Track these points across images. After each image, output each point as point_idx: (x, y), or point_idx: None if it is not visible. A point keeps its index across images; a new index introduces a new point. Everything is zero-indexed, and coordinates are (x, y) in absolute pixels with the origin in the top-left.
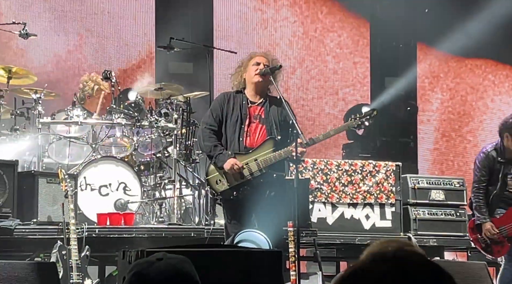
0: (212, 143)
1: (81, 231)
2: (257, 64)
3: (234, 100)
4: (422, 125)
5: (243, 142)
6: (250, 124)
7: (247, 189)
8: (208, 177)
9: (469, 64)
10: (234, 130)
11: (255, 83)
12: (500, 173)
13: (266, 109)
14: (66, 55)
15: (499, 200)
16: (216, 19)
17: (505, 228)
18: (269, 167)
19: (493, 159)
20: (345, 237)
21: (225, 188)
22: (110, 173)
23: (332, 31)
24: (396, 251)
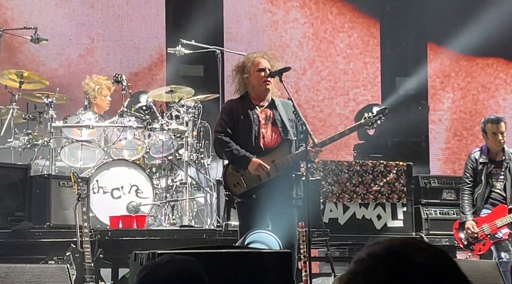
0: (231, 147)
1: (94, 234)
2: (261, 70)
3: (242, 105)
4: (434, 125)
5: (259, 143)
6: (263, 127)
7: (266, 191)
8: (226, 181)
9: (480, 63)
10: (248, 134)
11: (264, 90)
12: (482, 174)
13: (275, 111)
14: (78, 59)
15: (483, 201)
16: (226, 21)
17: (487, 226)
18: (286, 168)
19: (475, 160)
20: (357, 237)
21: (243, 191)
22: (122, 175)
23: (342, 31)
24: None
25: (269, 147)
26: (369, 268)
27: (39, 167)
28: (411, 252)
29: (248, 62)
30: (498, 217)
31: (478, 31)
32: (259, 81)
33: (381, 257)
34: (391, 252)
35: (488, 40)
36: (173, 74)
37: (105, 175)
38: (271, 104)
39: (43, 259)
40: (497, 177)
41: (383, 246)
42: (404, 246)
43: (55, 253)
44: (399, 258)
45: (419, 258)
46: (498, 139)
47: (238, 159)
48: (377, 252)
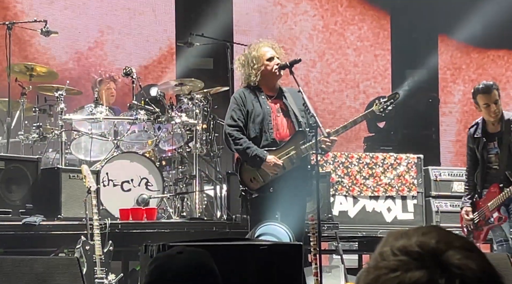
0: (243, 145)
1: (104, 226)
2: (270, 59)
3: (252, 97)
4: (444, 117)
5: (273, 136)
6: (276, 118)
7: (282, 184)
8: (242, 176)
9: (491, 55)
10: (261, 127)
11: (275, 78)
12: (479, 149)
13: (285, 101)
14: (87, 52)
15: (483, 180)
16: (236, 14)
17: (482, 210)
18: (301, 159)
19: (471, 136)
20: (367, 230)
21: (260, 185)
22: (132, 168)
23: (353, 24)
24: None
25: (283, 138)
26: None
27: (49, 159)
28: (446, 250)
29: (255, 53)
30: (491, 198)
31: (489, 23)
32: (270, 70)
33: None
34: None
35: (499, 32)
36: (182, 67)
37: (115, 167)
38: (280, 93)
39: (53, 252)
40: (494, 151)
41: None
42: (438, 244)
43: (65, 245)
44: (434, 257)
45: (455, 259)
46: (492, 110)
47: (251, 158)
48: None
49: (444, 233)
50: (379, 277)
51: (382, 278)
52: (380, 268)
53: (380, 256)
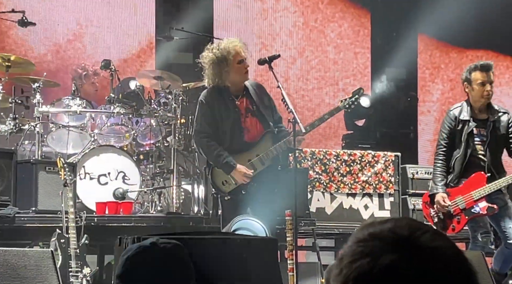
0: (213, 152)
1: (80, 219)
2: (241, 62)
3: (221, 99)
4: (423, 116)
5: (243, 139)
6: (245, 120)
7: (254, 185)
8: (213, 179)
9: (470, 55)
10: (232, 129)
11: (243, 80)
12: (463, 134)
13: (251, 99)
14: (66, 44)
15: (462, 167)
16: (216, 9)
17: (462, 198)
18: (271, 160)
19: (454, 118)
20: (343, 227)
21: (233, 187)
22: (109, 162)
23: (333, 21)
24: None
25: (253, 139)
26: (376, 250)
27: (25, 152)
28: (417, 236)
29: (227, 55)
30: (474, 187)
31: (468, 23)
32: (241, 73)
33: (387, 239)
34: (399, 235)
35: (477, 32)
36: (162, 62)
37: (92, 161)
38: (246, 91)
39: (28, 244)
40: (480, 138)
41: (388, 228)
42: (410, 229)
43: (40, 238)
44: (405, 241)
45: (424, 242)
46: (487, 90)
47: (221, 165)
48: (382, 233)
49: (415, 221)
50: (352, 263)
51: (355, 264)
52: (353, 254)
53: (353, 243)
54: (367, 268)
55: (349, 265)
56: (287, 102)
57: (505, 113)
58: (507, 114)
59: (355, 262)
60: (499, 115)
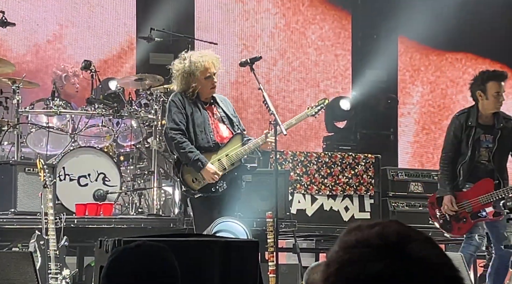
0: (185, 149)
1: (59, 221)
2: (209, 78)
3: (190, 102)
4: (403, 118)
5: (214, 139)
6: (214, 122)
7: (223, 184)
8: (183, 177)
9: (449, 58)
10: (202, 129)
11: (211, 94)
12: (470, 140)
13: (218, 108)
14: (46, 45)
15: (468, 172)
16: (197, 10)
17: (469, 202)
18: (240, 160)
19: (460, 124)
20: (324, 229)
21: (202, 185)
22: (89, 163)
23: (314, 23)
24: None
25: (223, 140)
26: (364, 257)
27: (4, 153)
28: (406, 244)
29: (196, 71)
30: (482, 192)
31: (447, 25)
32: (207, 88)
33: (375, 246)
34: (386, 243)
35: (457, 35)
36: (143, 62)
37: (72, 162)
38: (213, 101)
39: (7, 246)
40: (486, 144)
41: (376, 233)
42: (399, 237)
43: (19, 240)
44: (393, 249)
45: (413, 252)
46: (500, 100)
47: (192, 163)
48: (370, 240)
49: (403, 226)
50: (340, 269)
51: (342, 270)
52: (341, 261)
53: (340, 248)
54: (354, 277)
55: (336, 272)
56: (268, 104)
57: (510, 119)
58: (511, 120)
59: (342, 269)
60: (505, 122)
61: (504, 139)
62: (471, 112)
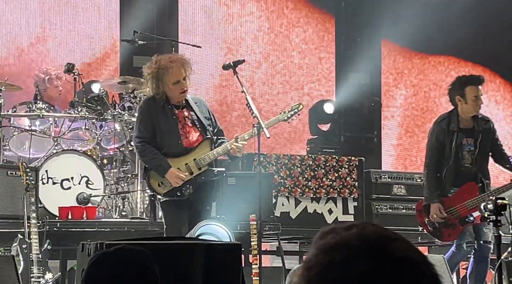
0: (148, 155)
1: (42, 224)
2: (177, 83)
3: (158, 106)
4: (386, 121)
5: (182, 143)
6: (183, 127)
7: (190, 188)
8: (150, 180)
9: (432, 61)
10: (171, 134)
11: (180, 99)
12: (452, 145)
13: (191, 111)
14: (28, 48)
15: (453, 177)
16: (181, 13)
17: (456, 208)
18: (208, 165)
19: (442, 130)
20: (308, 231)
21: (168, 189)
22: (73, 166)
23: (298, 26)
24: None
25: (191, 145)
26: (344, 259)
27: None
28: (386, 244)
29: (163, 75)
30: (467, 197)
31: (430, 29)
32: (176, 93)
33: (356, 248)
34: (367, 244)
35: (439, 38)
36: (126, 65)
37: (55, 165)
38: (186, 104)
39: None
40: (468, 148)
41: (355, 235)
42: (379, 237)
43: (2, 244)
44: (375, 250)
45: (395, 251)
46: (479, 104)
47: (155, 167)
48: (350, 242)
49: (380, 227)
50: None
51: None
52: (322, 264)
53: (319, 251)
54: (338, 278)
55: (318, 275)
56: (251, 107)
57: (488, 121)
58: (490, 121)
59: (324, 272)
60: (484, 124)
61: (484, 141)
62: (451, 117)
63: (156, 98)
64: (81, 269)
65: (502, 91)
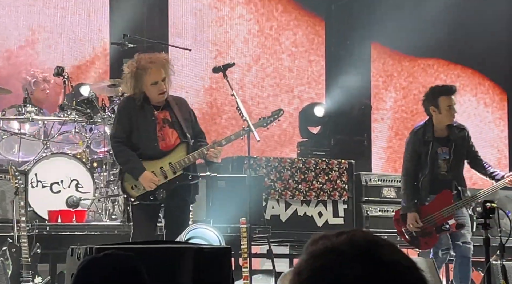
0: (124, 157)
1: (31, 228)
2: (156, 84)
3: (139, 106)
4: (376, 124)
5: (158, 146)
6: (161, 129)
7: (163, 192)
8: (123, 182)
9: (422, 64)
10: (147, 136)
11: (159, 99)
12: (428, 154)
13: (171, 112)
14: (18, 50)
15: (429, 185)
16: (171, 16)
17: (432, 216)
18: (183, 169)
19: (419, 139)
20: (298, 234)
21: (141, 192)
22: (62, 169)
23: (288, 29)
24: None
25: (168, 148)
26: (337, 264)
27: None
28: (376, 249)
29: (142, 75)
30: (443, 205)
31: (419, 32)
32: (155, 94)
33: (346, 253)
34: (357, 249)
35: (428, 41)
36: (116, 68)
37: (44, 168)
38: (166, 104)
39: None
40: (443, 156)
41: (345, 240)
42: (368, 243)
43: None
44: (365, 255)
45: (384, 256)
46: (453, 113)
47: (130, 170)
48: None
49: (369, 233)
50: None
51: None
52: (313, 268)
53: (309, 257)
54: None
55: (309, 280)
56: (241, 110)
57: (463, 129)
58: (465, 129)
59: (315, 277)
60: (458, 132)
61: (459, 149)
62: (427, 127)
63: (134, 98)
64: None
65: (491, 94)
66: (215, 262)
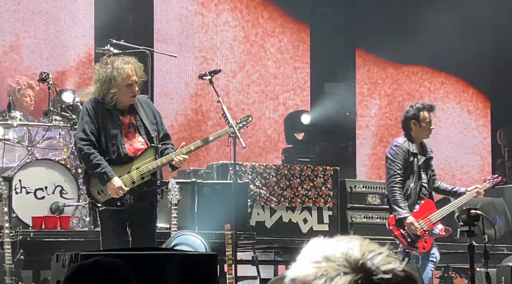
0: (93, 161)
1: (15, 234)
2: (130, 85)
3: (104, 110)
4: (361, 131)
5: (125, 151)
6: (127, 134)
7: (130, 198)
8: (89, 188)
9: (406, 71)
10: (113, 141)
11: (130, 102)
12: (415, 165)
13: (137, 116)
14: (2, 56)
15: (416, 194)
16: (157, 22)
17: (423, 222)
18: (151, 174)
19: (407, 151)
20: (283, 241)
21: (107, 198)
22: (46, 175)
23: (273, 36)
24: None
25: (135, 153)
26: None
27: None
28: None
29: (118, 77)
30: (428, 212)
31: (404, 39)
32: (127, 96)
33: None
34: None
35: (413, 49)
36: None
37: (28, 174)
38: (131, 108)
39: None
40: (425, 169)
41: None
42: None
43: None
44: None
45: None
46: (430, 128)
47: (98, 175)
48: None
49: (364, 241)
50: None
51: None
52: (306, 276)
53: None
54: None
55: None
56: (227, 117)
57: (432, 151)
58: (431, 151)
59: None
60: (430, 152)
61: (430, 164)
62: (410, 140)
63: (104, 100)
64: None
65: (475, 101)
66: (201, 269)
